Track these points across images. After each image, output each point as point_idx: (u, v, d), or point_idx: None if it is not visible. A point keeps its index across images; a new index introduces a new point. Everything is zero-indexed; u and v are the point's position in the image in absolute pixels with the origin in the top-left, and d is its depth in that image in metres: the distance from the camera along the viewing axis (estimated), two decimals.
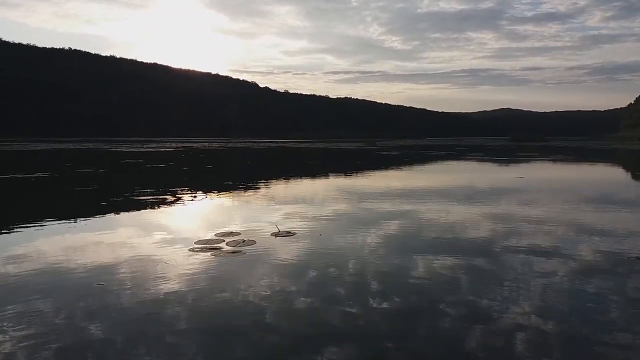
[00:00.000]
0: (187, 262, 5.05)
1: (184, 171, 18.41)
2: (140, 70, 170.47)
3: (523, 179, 15.11)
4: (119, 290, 4.13)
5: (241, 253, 5.43)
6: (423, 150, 41.14)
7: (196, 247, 5.69)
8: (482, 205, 9.19)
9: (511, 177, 15.71)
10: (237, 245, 5.80)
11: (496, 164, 24.54)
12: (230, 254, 5.38)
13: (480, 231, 6.75)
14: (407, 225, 7.24)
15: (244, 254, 5.40)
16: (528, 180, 14.57)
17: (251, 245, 5.80)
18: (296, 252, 5.51)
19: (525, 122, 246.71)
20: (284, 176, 16.27)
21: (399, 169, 20.47)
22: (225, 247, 5.74)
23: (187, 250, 5.53)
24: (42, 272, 4.66)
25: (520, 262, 5.06)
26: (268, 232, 6.63)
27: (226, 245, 5.83)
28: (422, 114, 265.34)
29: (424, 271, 4.74)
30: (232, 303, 3.84)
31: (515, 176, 15.94)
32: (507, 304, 3.78)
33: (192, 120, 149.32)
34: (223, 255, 5.32)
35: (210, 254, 5.40)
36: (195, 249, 5.64)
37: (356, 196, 10.65)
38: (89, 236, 6.39)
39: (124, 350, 3.00)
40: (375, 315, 3.58)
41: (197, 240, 6.08)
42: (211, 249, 5.64)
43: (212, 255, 5.35)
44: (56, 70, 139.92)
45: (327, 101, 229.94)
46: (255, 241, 6.02)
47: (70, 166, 19.94)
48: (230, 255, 5.32)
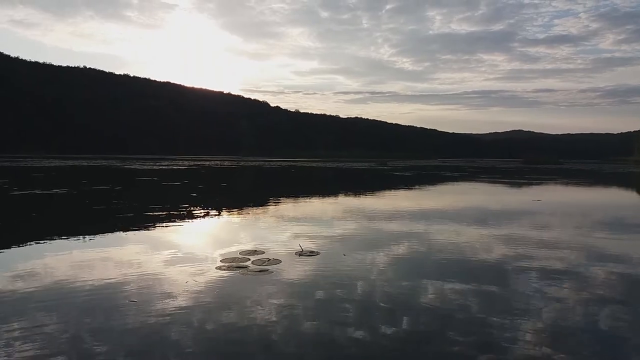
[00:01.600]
0: (216, 280, 5.07)
1: (200, 189, 18.51)
2: (153, 88, 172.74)
3: (540, 201, 14.98)
4: (153, 307, 4.16)
5: (268, 272, 5.44)
6: (436, 171, 41.05)
7: (223, 266, 5.71)
8: (508, 229, 9.15)
9: (528, 200, 15.61)
10: (263, 264, 5.82)
11: (512, 186, 24.40)
12: (257, 273, 5.39)
13: (517, 257, 6.70)
14: (435, 248, 7.19)
15: (272, 272, 5.41)
16: (546, 203, 14.45)
17: (277, 265, 5.81)
18: (323, 272, 5.51)
19: (537, 144, 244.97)
20: (299, 195, 16.29)
21: (416, 190, 20.43)
22: (252, 265, 5.75)
23: (214, 269, 5.55)
24: (80, 288, 4.71)
25: (550, 289, 5.01)
26: (291, 251, 6.64)
27: (252, 264, 5.85)
28: (433, 134, 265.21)
29: (457, 295, 4.72)
30: (269, 322, 3.85)
31: (532, 199, 15.83)
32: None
33: (203, 138, 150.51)
34: (251, 274, 5.33)
35: (238, 272, 5.42)
36: (222, 267, 5.66)
37: (375, 217, 10.63)
38: (116, 252, 6.45)
39: None
40: (409, 340, 3.56)
41: (223, 258, 6.11)
42: (238, 267, 5.66)
43: (240, 273, 5.36)
44: (71, 88, 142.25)
45: (337, 121, 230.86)
46: (280, 260, 6.03)
47: (86, 183, 20.14)
48: (258, 274, 5.33)
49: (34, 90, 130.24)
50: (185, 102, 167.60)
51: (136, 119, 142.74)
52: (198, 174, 30.47)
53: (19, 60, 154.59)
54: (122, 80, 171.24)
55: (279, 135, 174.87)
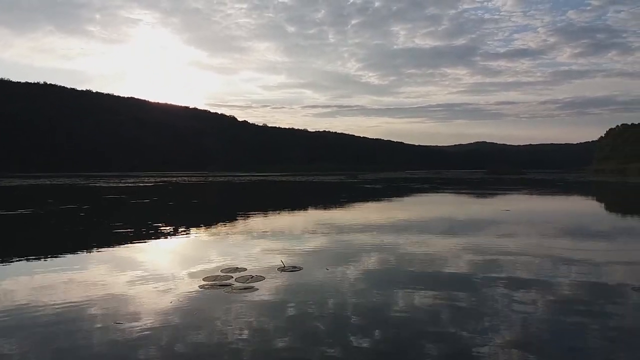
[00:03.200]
0: (202, 299, 5.00)
1: (171, 206, 18.21)
2: (117, 104, 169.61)
3: (509, 211, 15.35)
4: (140, 329, 4.06)
5: (253, 289, 5.39)
6: (405, 184, 41.57)
7: (206, 284, 5.63)
8: (484, 239, 9.33)
9: (497, 210, 15.99)
10: (247, 282, 5.76)
11: (480, 196, 24.93)
12: (242, 290, 5.33)
13: (495, 266, 6.83)
14: (419, 259, 7.26)
15: (256, 290, 5.37)
16: (515, 213, 14.82)
17: (260, 281, 5.76)
18: (309, 287, 5.50)
19: (500, 155, 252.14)
20: (273, 210, 16.22)
21: (389, 202, 20.63)
22: (235, 283, 5.69)
23: (198, 287, 5.47)
24: (63, 310, 4.55)
25: (528, 296, 5.14)
26: (273, 266, 6.60)
27: (235, 281, 5.78)
28: (399, 147, 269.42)
29: (452, 307, 4.79)
30: (262, 340, 3.81)
31: (501, 209, 16.22)
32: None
33: (169, 154, 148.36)
34: (236, 292, 5.27)
35: (223, 290, 5.35)
36: (205, 285, 5.57)
37: (352, 230, 10.68)
38: (93, 274, 6.27)
39: None
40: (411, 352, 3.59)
41: (205, 276, 6.02)
42: (221, 285, 5.59)
43: (225, 291, 5.30)
44: (31, 105, 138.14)
45: (306, 135, 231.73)
46: (263, 277, 5.99)
47: (52, 202, 19.53)
48: (244, 292, 5.27)
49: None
50: (150, 117, 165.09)
51: (99, 135, 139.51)
52: (166, 190, 29.96)
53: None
54: (84, 96, 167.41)
55: (247, 150, 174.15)
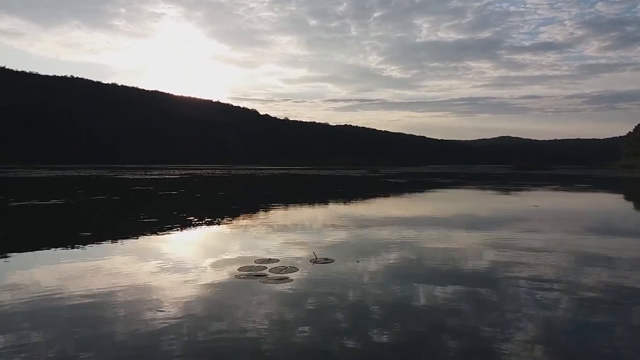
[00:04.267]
0: (239, 288, 5.09)
1: (198, 198, 18.46)
2: (141, 97, 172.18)
3: (537, 207, 15.14)
4: (184, 316, 4.17)
5: (288, 280, 5.47)
6: (429, 178, 41.30)
7: (241, 274, 5.72)
8: (515, 234, 9.25)
9: (525, 206, 15.78)
10: (281, 272, 5.84)
11: (507, 192, 24.62)
12: (278, 281, 5.41)
13: (525, 263, 6.78)
14: (451, 253, 7.25)
15: (291, 280, 5.44)
16: (543, 209, 14.61)
17: (294, 272, 5.83)
18: (342, 279, 5.56)
19: (525, 150, 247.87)
20: (298, 203, 16.31)
21: (415, 197, 20.55)
22: (270, 273, 5.78)
23: (234, 277, 5.57)
24: (105, 299, 4.70)
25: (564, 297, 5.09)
26: (305, 258, 6.68)
27: (269, 271, 5.87)
28: (422, 141, 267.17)
29: (477, 298, 4.78)
30: (303, 328, 3.89)
31: (529, 205, 16.01)
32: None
33: (191, 147, 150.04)
34: (272, 282, 5.35)
35: (258, 280, 5.44)
36: (241, 275, 5.67)
37: (380, 223, 10.69)
38: (131, 263, 6.43)
39: None
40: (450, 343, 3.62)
41: (240, 267, 6.12)
42: (257, 275, 5.68)
43: (260, 281, 5.38)
44: (58, 98, 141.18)
45: (327, 128, 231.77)
46: (296, 268, 6.06)
47: (82, 193, 19.99)
48: (279, 282, 5.35)
49: (20, 100, 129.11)
50: (174, 111, 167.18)
51: (124, 128, 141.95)
52: (192, 183, 30.36)
53: (5, 69, 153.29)
54: (109, 90, 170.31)
55: (268, 143, 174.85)
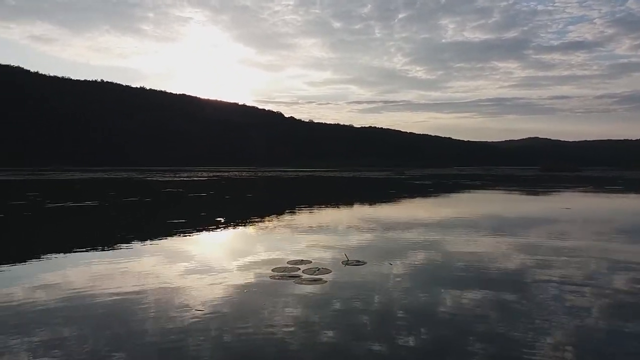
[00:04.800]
0: (274, 288, 5.17)
1: (228, 200, 18.70)
2: (169, 101, 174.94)
3: (570, 209, 14.87)
4: (222, 316, 4.27)
5: (322, 281, 5.53)
6: (455, 180, 40.87)
7: (276, 275, 5.81)
8: (550, 238, 9.13)
9: (557, 208, 15.52)
10: (314, 273, 5.91)
11: (537, 194, 24.23)
12: (312, 282, 5.48)
13: (562, 266, 6.70)
14: (487, 257, 7.21)
15: (325, 282, 5.50)
16: (576, 211, 14.35)
17: (328, 274, 5.89)
18: (375, 281, 5.59)
19: (554, 152, 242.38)
20: (326, 205, 16.36)
21: (443, 199, 20.39)
22: (303, 274, 5.85)
23: (269, 278, 5.66)
24: (139, 298, 4.84)
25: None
26: (336, 260, 6.73)
27: (303, 272, 5.94)
28: (447, 142, 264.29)
29: (522, 305, 4.76)
30: (340, 328, 3.94)
31: (561, 207, 15.73)
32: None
33: (218, 149, 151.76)
34: (306, 283, 5.42)
35: (293, 281, 5.51)
36: (275, 276, 5.76)
37: (410, 225, 10.67)
38: (164, 263, 6.58)
39: None
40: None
41: (274, 267, 6.21)
42: (291, 276, 5.75)
43: (295, 282, 5.46)
44: (89, 102, 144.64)
45: (351, 130, 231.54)
46: (330, 270, 6.11)
47: (114, 195, 20.46)
48: (314, 283, 5.42)
49: (53, 104, 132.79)
50: (200, 114, 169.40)
51: (152, 131, 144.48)
52: (220, 185, 30.75)
53: (38, 74, 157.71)
54: (138, 93, 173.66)
55: (293, 145, 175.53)
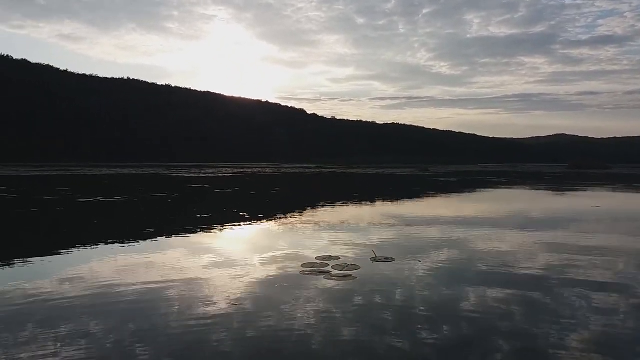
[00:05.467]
0: (306, 284, 5.23)
1: (254, 196, 18.89)
2: (194, 98, 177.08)
3: (600, 207, 14.59)
4: (259, 310, 4.35)
5: (352, 277, 5.57)
6: (481, 177, 40.40)
7: (305, 270, 5.88)
8: (582, 236, 9.01)
9: (587, 206, 15.24)
10: (344, 269, 5.95)
11: (565, 191, 23.80)
12: (342, 278, 5.53)
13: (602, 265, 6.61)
14: (512, 254, 7.16)
15: (355, 278, 5.54)
16: (606, 210, 14.07)
17: (357, 270, 5.92)
18: (406, 277, 5.61)
19: (582, 149, 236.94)
20: (351, 201, 16.37)
21: (470, 196, 20.21)
22: (333, 270, 5.90)
23: (298, 273, 5.73)
24: (169, 292, 4.96)
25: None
26: (364, 256, 6.76)
27: (332, 268, 5.99)
28: (472, 139, 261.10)
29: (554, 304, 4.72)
30: (374, 324, 3.98)
31: (591, 205, 15.44)
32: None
33: (242, 146, 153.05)
34: (336, 279, 5.47)
35: (323, 277, 5.57)
36: (305, 271, 5.82)
37: (439, 222, 10.62)
38: (194, 257, 6.71)
39: None
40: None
41: (303, 263, 6.28)
42: (320, 272, 5.81)
43: (325, 278, 5.51)
44: (116, 99, 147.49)
45: (374, 127, 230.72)
46: (359, 266, 6.15)
47: (142, 190, 20.86)
48: (345, 279, 5.47)
49: (82, 101, 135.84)
50: (224, 111, 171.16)
51: (178, 128, 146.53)
52: (245, 181, 31.05)
53: (68, 72, 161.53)
54: (164, 91, 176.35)
55: (315, 142, 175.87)
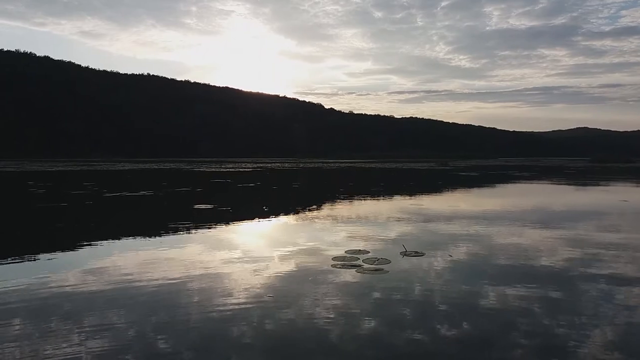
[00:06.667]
0: (338, 277, 5.28)
1: (276, 190, 19.01)
2: (212, 94, 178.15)
3: (627, 202, 14.35)
4: (291, 302, 4.41)
5: (384, 271, 5.60)
6: (502, 171, 39.96)
7: (337, 264, 5.92)
8: (616, 232, 8.90)
9: (614, 201, 15.00)
10: (374, 263, 5.98)
11: (591, 185, 23.43)
12: (374, 272, 5.56)
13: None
14: (545, 248, 7.11)
15: (387, 272, 5.57)
16: (633, 204, 13.84)
17: (388, 264, 5.95)
18: (438, 272, 5.61)
19: (605, 142, 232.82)
20: (374, 195, 16.38)
21: (494, 190, 20.04)
22: (364, 264, 5.93)
23: (330, 266, 5.78)
24: (216, 283, 5.06)
25: None
26: (393, 250, 6.78)
27: (363, 262, 6.03)
28: (492, 133, 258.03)
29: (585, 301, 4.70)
30: (413, 316, 4.02)
31: (618, 199, 15.20)
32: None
33: (260, 141, 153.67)
34: (368, 273, 5.51)
35: (354, 270, 5.61)
36: (337, 265, 5.87)
37: (467, 217, 10.56)
38: (224, 251, 6.81)
39: None
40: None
41: (334, 256, 6.33)
42: (351, 266, 5.85)
43: (356, 272, 5.55)
44: (136, 95, 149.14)
45: (391, 121, 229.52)
46: (389, 260, 6.17)
47: (166, 185, 21.14)
48: (377, 273, 5.50)
49: (102, 97, 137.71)
50: (243, 106, 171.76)
51: (197, 123, 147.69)
52: (265, 175, 31.23)
53: (89, 69, 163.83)
54: (183, 86, 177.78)
55: (332, 137, 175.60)
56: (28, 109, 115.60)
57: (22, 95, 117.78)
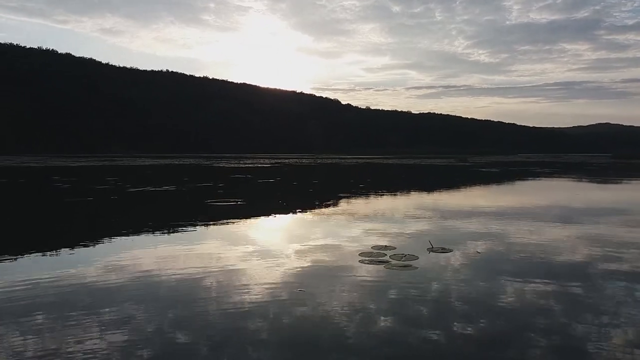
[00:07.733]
0: (366, 273, 5.32)
1: (297, 186, 19.09)
2: (230, 90, 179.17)
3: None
4: (322, 295, 4.47)
5: (412, 267, 5.62)
6: (523, 167, 39.48)
7: (365, 260, 5.96)
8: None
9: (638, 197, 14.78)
10: (402, 259, 6.00)
11: (615, 182, 23.06)
12: (402, 268, 5.58)
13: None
14: (572, 245, 7.05)
15: (416, 268, 5.58)
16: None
17: (415, 260, 5.96)
18: (467, 268, 5.61)
19: (627, 138, 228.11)
20: (396, 191, 16.34)
21: (515, 187, 19.84)
22: (391, 260, 5.96)
23: (358, 262, 5.82)
24: (246, 278, 5.14)
25: None
26: (419, 246, 6.78)
27: (390, 258, 6.05)
28: (512, 128, 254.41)
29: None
30: (443, 311, 4.04)
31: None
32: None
33: (277, 137, 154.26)
34: (397, 269, 5.53)
35: (383, 266, 5.64)
36: (365, 261, 5.91)
37: (493, 213, 10.50)
38: (255, 246, 6.90)
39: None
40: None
41: (361, 252, 6.37)
42: (379, 262, 5.88)
43: (385, 267, 5.58)
44: (156, 91, 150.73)
45: (409, 117, 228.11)
46: (416, 256, 6.18)
47: (188, 180, 21.37)
48: (405, 269, 5.52)
49: (123, 93, 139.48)
50: (261, 102, 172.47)
51: (216, 119, 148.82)
52: (284, 171, 31.36)
53: (109, 66, 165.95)
54: (201, 83, 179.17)
55: (350, 132, 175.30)
56: (50, 105, 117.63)
57: (44, 91, 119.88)
